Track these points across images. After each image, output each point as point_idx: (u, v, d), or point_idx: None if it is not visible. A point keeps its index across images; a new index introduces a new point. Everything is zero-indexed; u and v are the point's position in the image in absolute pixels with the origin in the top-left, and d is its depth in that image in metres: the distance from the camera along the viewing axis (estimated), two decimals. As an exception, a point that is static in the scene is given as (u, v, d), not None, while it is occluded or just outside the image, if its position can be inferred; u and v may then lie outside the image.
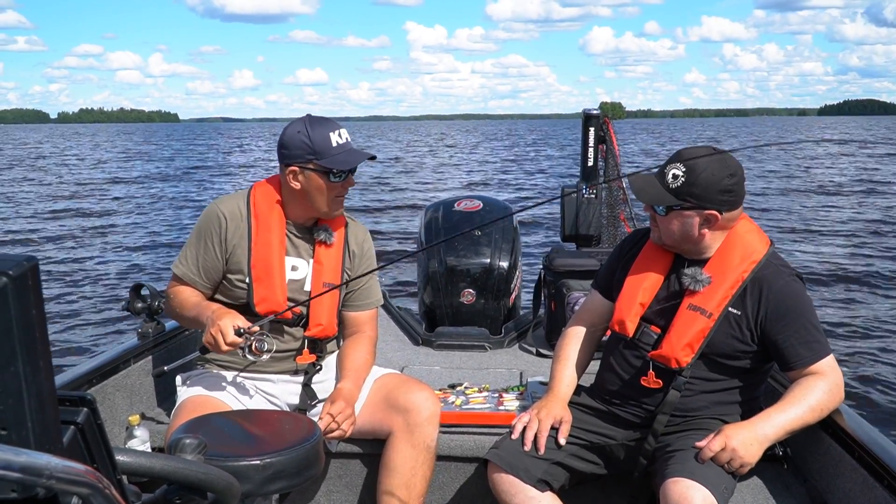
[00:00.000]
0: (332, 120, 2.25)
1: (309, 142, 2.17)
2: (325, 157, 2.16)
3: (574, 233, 3.87)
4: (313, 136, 2.17)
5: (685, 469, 1.82)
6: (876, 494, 1.81)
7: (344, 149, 2.19)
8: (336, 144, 2.18)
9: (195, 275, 2.25)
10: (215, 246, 2.23)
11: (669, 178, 1.98)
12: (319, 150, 2.16)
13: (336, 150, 2.17)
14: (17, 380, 0.65)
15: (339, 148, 2.18)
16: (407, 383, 2.27)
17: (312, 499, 2.40)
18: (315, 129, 2.19)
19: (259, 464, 1.59)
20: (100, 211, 16.00)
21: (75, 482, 0.61)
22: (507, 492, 1.99)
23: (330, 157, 2.16)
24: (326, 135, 2.18)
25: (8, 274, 0.64)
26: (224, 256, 2.24)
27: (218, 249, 2.23)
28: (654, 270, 2.12)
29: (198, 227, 2.28)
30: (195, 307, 2.19)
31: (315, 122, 2.21)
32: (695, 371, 2.02)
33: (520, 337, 3.50)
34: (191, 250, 2.27)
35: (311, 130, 2.18)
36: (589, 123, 3.91)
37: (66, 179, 24.32)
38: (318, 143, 2.17)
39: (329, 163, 2.16)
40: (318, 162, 2.17)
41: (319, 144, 2.17)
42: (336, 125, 2.23)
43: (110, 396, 2.43)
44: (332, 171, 2.17)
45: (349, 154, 2.20)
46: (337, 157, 2.17)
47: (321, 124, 2.21)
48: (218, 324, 2.03)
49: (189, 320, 2.25)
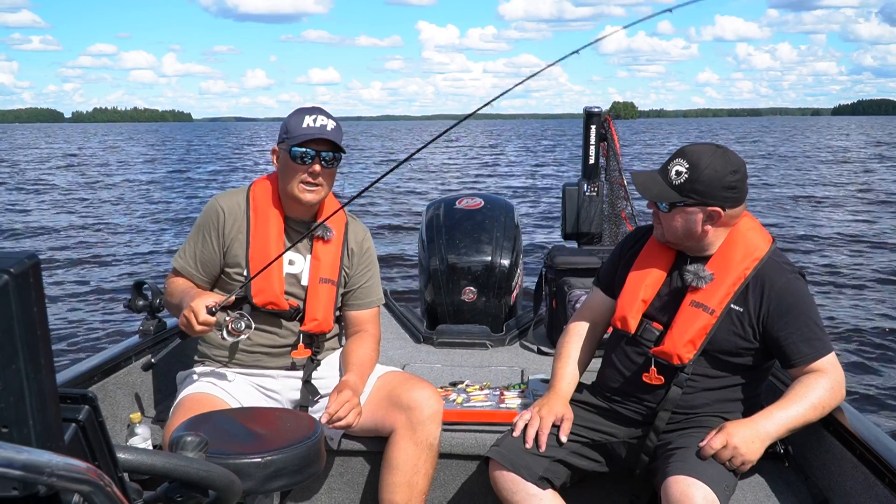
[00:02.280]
0: (323, 110, 2.26)
1: (287, 122, 2.23)
2: (291, 136, 2.20)
3: (575, 231, 3.87)
4: (292, 118, 2.23)
5: (686, 467, 1.81)
6: (877, 492, 1.81)
7: (310, 130, 2.19)
8: (306, 126, 2.20)
9: (192, 268, 2.27)
10: (213, 239, 2.26)
11: (673, 174, 1.98)
12: (289, 130, 2.22)
13: (302, 131, 2.19)
14: (19, 377, 0.65)
15: (306, 129, 2.19)
16: (409, 381, 2.27)
17: (314, 496, 2.40)
18: (298, 113, 2.24)
19: (260, 461, 1.59)
20: (102, 209, 16.01)
21: (77, 480, 0.61)
22: (509, 489, 1.99)
23: (294, 136, 2.20)
24: (302, 117, 2.21)
25: (9, 271, 0.64)
26: (221, 250, 2.26)
27: (216, 243, 2.25)
28: (657, 267, 2.12)
29: (198, 221, 2.31)
30: (181, 294, 2.21)
31: (304, 109, 2.26)
32: (696, 368, 2.02)
33: (521, 335, 3.50)
34: (189, 244, 2.29)
35: (294, 114, 2.24)
36: (590, 121, 3.91)
37: (71, 178, 24.34)
38: (291, 124, 2.22)
39: (290, 140, 2.19)
40: (286, 141, 2.21)
41: (292, 125, 2.21)
42: (318, 112, 2.23)
43: (111, 394, 2.43)
44: (293, 148, 2.18)
45: (310, 132, 2.19)
46: (299, 136, 2.19)
47: (306, 110, 2.25)
48: (191, 305, 2.03)
49: (175, 307, 2.24)
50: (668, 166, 2.01)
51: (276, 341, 2.29)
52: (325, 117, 2.22)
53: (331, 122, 2.22)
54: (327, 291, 2.30)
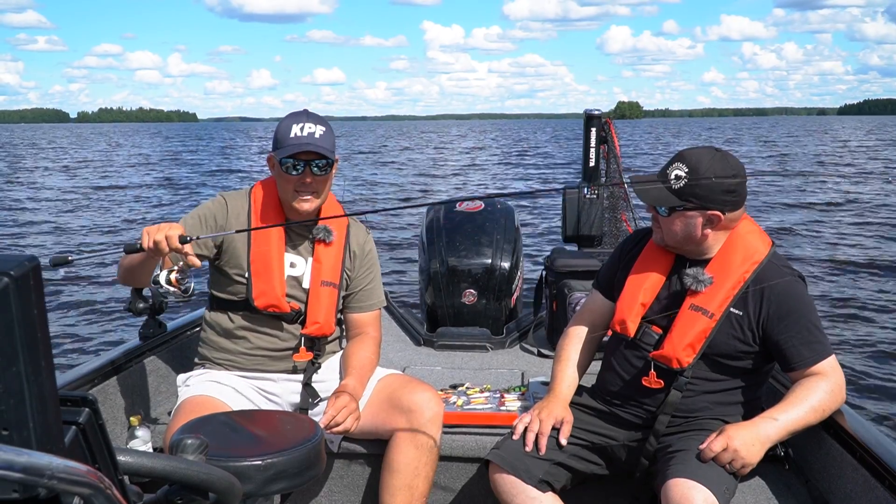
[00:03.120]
0: (311, 114, 2.24)
1: (277, 131, 2.22)
2: (280, 147, 2.20)
3: (575, 233, 3.87)
4: (281, 126, 2.22)
5: (686, 469, 1.81)
6: (877, 495, 1.81)
7: (298, 141, 2.16)
8: (294, 136, 2.17)
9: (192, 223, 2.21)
10: (217, 219, 2.25)
11: (672, 178, 1.98)
12: (280, 139, 2.21)
13: (291, 141, 2.17)
14: (19, 380, 0.65)
15: (294, 139, 2.17)
16: (410, 384, 2.27)
17: (314, 499, 2.40)
18: (287, 119, 2.22)
19: (260, 464, 1.59)
20: (102, 209, 16.02)
21: (77, 482, 0.61)
22: (509, 492, 1.99)
23: (282, 147, 2.19)
24: (290, 126, 2.19)
25: (9, 274, 0.64)
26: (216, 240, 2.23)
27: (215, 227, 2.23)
28: (656, 270, 2.12)
29: (202, 205, 2.31)
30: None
31: (293, 115, 2.25)
32: (696, 371, 2.01)
33: (521, 337, 3.50)
34: (192, 216, 2.26)
35: (284, 122, 2.23)
36: (590, 124, 3.92)
37: (70, 179, 24.35)
38: (281, 132, 2.21)
39: (280, 152, 2.18)
40: (276, 151, 2.21)
41: (282, 134, 2.20)
42: (305, 119, 2.20)
43: (112, 397, 2.43)
44: (282, 160, 2.18)
45: (296, 145, 2.16)
46: (286, 148, 2.17)
47: (295, 117, 2.23)
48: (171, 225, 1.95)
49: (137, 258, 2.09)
50: (667, 170, 2.01)
51: (277, 344, 2.29)
52: (313, 123, 2.19)
53: (319, 129, 2.18)
54: (329, 294, 2.30)
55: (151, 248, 1.93)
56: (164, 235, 1.92)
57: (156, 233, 1.93)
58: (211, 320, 2.32)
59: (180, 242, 1.92)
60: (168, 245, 1.92)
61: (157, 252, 1.94)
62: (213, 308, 2.32)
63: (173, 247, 1.92)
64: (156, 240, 1.92)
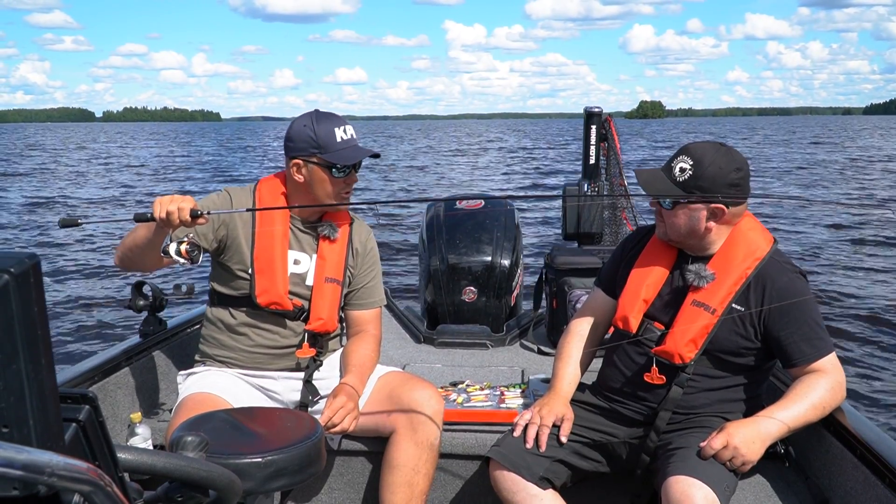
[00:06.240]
0: (339, 116, 2.27)
1: (314, 136, 2.19)
2: (328, 152, 2.19)
3: (576, 231, 3.87)
4: (318, 130, 2.20)
5: (687, 467, 1.81)
6: (877, 492, 1.81)
7: (348, 144, 2.22)
8: (340, 140, 2.20)
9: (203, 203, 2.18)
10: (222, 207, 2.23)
11: (676, 171, 1.98)
12: (324, 145, 2.19)
13: (340, 146, 2.20)
14: (19, 377, 0.64)
15: (343, 143, 2.21)
16: (410, 381, 2.27)
17: (314, 496, 2.40)
18: (321, 123, 2.21)
19: (261, 461, 1.59)
20: (102, 208, 16.01)
21: (77, 480, 0.61)
22: (509, 489, 1.99)
23: (333, 152, 2.19)
24: (332, 129, 2.20)
25: (9, 271, 0.64)
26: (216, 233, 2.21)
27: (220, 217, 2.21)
28: (658, 266, 2.12)
29: (207, 196, 2.29)
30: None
31: (321, 117, 2.24)
32: (698, 368, 2.01)
33: (521, 335, 3.50)
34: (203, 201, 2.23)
35: (316, 125, 2.21)
36: (590, 122, 3.92)
37: (74, 176, 24.35)
38: (322, 137, 2.19)
39: (332, 157, 2.19)
40: (322, 156, 2.19)
41: (324, 139, 2.19)
42: (342, 121, 2.25)
43: (112, 394, 2.43)
44: (335, 165, 2.19)
45: (353, 150, 2.23)
46: (341, 153, 2.20)
47: (327, 119, 2.23)
48: (184, 197, 1.94)
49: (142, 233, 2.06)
50: (671, 164, 2.01)
51: (279, 342, 2.29)
52: (350, 127, 2.24)
53: (353, 130, 2.25)
54: (332, 291, 2.30)
55: (163, 219, 1.92)
56: (178, 206, 1.91)
57: (168, 203, 1.92)
58: (212, 316, 2.32)
59: (191, 216, 1.92)
60: (178, 217, 1.91)
61: (167, 223, 1.93)
62: (215, 304, 2.32)
63: (183, 219, 1.91)
64: (168, 210, 1.91)
